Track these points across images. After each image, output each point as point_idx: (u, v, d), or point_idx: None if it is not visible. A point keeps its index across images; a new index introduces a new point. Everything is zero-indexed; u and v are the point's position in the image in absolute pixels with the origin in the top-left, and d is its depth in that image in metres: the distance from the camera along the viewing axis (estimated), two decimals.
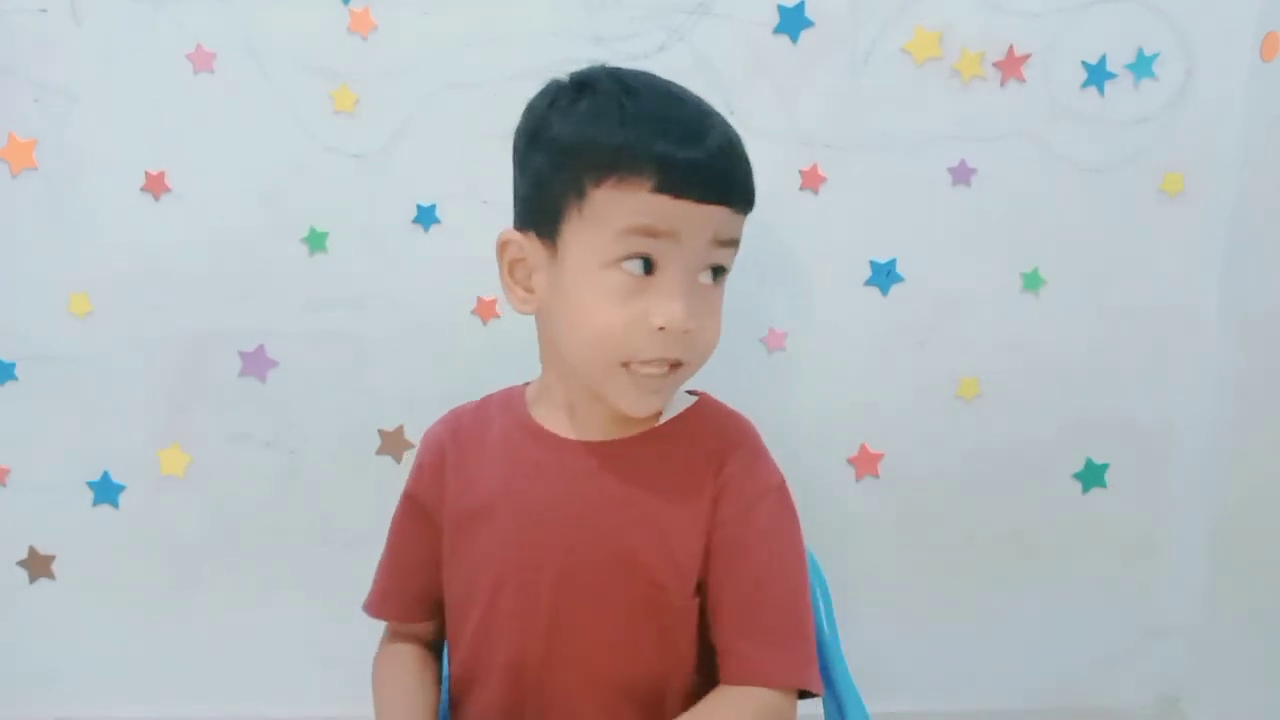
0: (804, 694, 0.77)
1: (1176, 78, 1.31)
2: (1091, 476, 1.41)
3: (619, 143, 0.71)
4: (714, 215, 0.72)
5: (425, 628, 0.90)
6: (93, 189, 1.29)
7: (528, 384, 0.89)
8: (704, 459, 0.79)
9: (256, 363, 1.34)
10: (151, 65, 1.26)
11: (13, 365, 1.33)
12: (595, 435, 0.79)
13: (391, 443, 1.37)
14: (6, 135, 1.27)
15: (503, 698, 0.79)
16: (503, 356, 1.33)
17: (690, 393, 0.86)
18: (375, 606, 0.91)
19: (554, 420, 0.81)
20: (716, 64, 1.28)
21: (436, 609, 0.87)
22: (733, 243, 0.75)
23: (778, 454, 0.84)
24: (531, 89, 1.28)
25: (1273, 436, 1.28)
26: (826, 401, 1.38)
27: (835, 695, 0.88)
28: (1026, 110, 1.31)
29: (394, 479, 1.36)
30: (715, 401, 0.86)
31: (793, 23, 1.28)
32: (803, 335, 1.36)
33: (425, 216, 1.31)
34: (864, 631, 0.92)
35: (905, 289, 1.35)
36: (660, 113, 0.73)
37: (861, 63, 1.29)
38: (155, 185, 1.29)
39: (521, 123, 0.80)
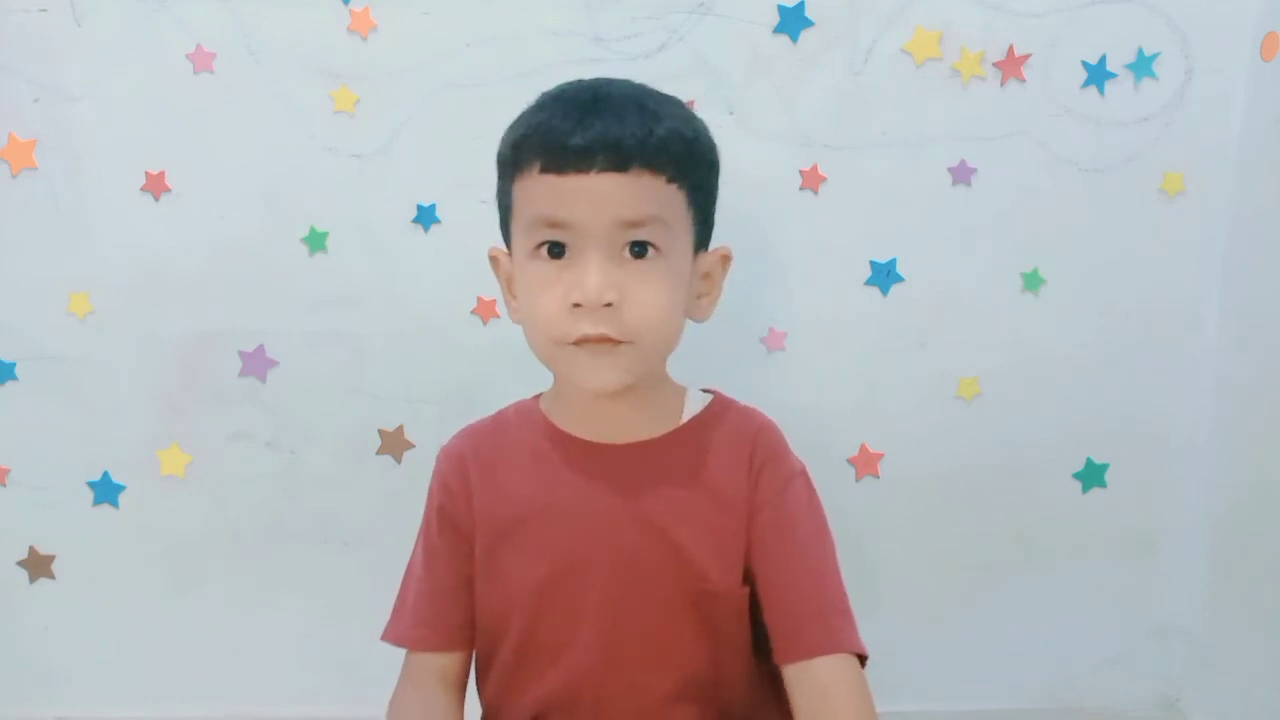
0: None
1: (1176, 78, 1.31)
2: (1092, 476, 1.41)
3: (516, 138, 0.76)
4: (609, 187, 0.71)
5: (457, 659, 0.85)
6: (93, 189, 1.29)
7: (539, 395, 0.89)
8: (732, 451, 0.81)
9: (256, 362, 1.34)
10: (151, 65, 1.26)
11: (13, 365, 1.33)
12: (621, 438, 0.80)
13: (391, 443, 1.37)
14: (6, 135, 1.27)
15: (555, 704, 0.79)
16: (503, 356, 1.34)
17: (705, 391, 0.89)
18: (409, 635, 0.84)
19: (577, 426, 0.81)
20: (716, 64, 1.28)
21: (473, 636, 0.84)
22: (650, 219, 0.73)
23: None
24: (531, 89, 1.27)
25: (1273, 436, 1.28)
26: (826, 401, 1.38)
27: None
28: (1026, 110, 1.31)
29: (394, 479, 1.38)
30: (728, 398, 0.88)
31: (793, 22, 1.28)
32: (803, 335, 1.36)
33: (425, 216, 1.31)
34: (864, 631, 0.92)
35: (905, 289, 1.35)
36: (555, 102, 0.76)
37: (861, 63, 1.29)
38: (155, 185, 1.29)
39: None
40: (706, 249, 0.82)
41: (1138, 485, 1.42)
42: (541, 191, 0.73)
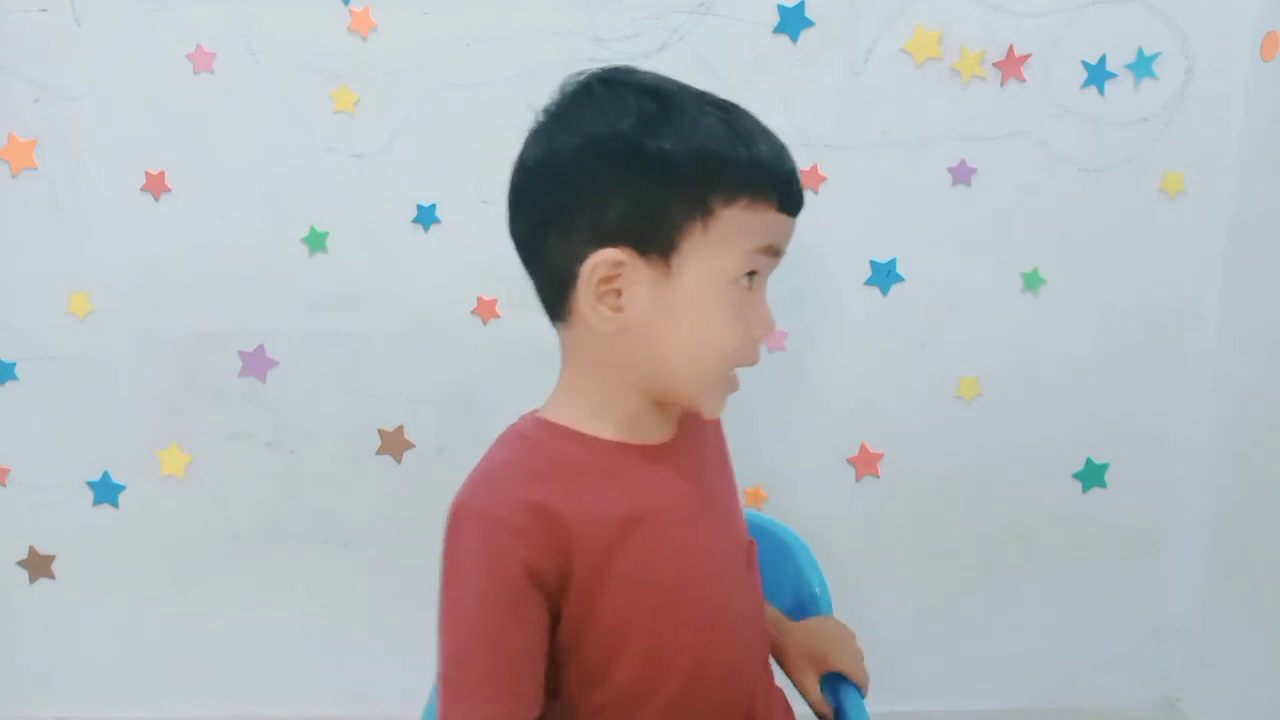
0: None
1: (1176, 78, 1.31)
2: (1092, 476, 1.41)
3: (746, 162, 0.72)
4: (793, 227, 0.77)
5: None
6: (93, 189, 1.29)
7: (534, 418, 0.81)
8: (714, 425, 0.87)
9: (256, 362, 1.34)
10: (151, 65, 1.26)
11: (13, 365, 1.33)
12: (660, 438, 0.80)
13: (391, 443, 1.37)
14: (6, 135, 1.27)
15: (688, 697, 0.78)
16: (503, 356, 1.34)
17: None
18: (500, 713, 0.73)
19: (619, 433, 0.77)
20: (716, 64, 1.28)
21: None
22: None
23: (778, 453, 0.86)
24: (531, 89, 1.27)
25: (1273, 436, 1.28)
26: (826, 401, 1.38)
27: (835, 695, 0.88)
28: (1027, 110, 1.31)
29: (394, 479, 1.38)
30: None
31: (793, 22, 1.28)
32: (803, 335, 1.36)
33: (425, 216, 1.31)
34: (863, 631, 0.92)
35: (905, 289, 1.35)
36: (758, 127, 0.75)
37: (861, 62, 1.29)
38: (155, 185, 1.29)
39: (584, 142, 0.74)
40: None
41: (1138, 485, 1.42)
42: (778, 227, 0.74)
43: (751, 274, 0.74)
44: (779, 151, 0.75)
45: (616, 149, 0.71)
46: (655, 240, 0.71)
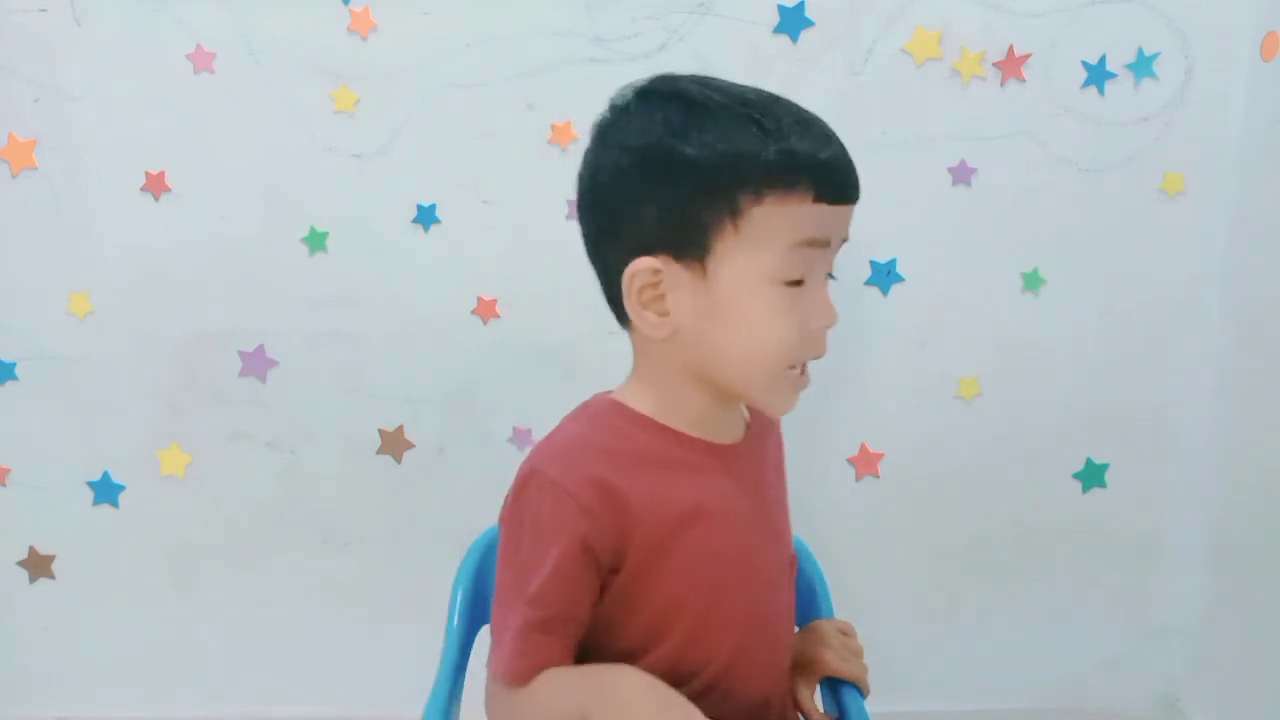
0: None
1: (1176, 78, 1.31)
2: (1092, 476, 1.41)
3: (773, 156, 0.71)
4: (848, 214, 0.75)
5: None
6: (93, 189, 1.29)
7: (609, 398, 0.81)
8: (776, 435, 0.89)
9: (256, 362, 1.34)
10: (151, 65, 1.26)
11: (13, 365, 1.33)
12: (729, 438, 0.81)
13: (391, 442, 1.37)
14: (6, 135, 1.27)
15: (719, 687, 0.80)
16: (503, 356, 1.34)
17: None
18: (541, 656, 0.75)
19: (692, 426, 0.79)
20: (716, 64, 1.28)
21: None
22: (846, 238, 0.77)
23: None
24: (531, 89, 1.29)
25: (1273, 437, 1.28)
26: (826, 401, 1.38)
27: (835, 695, 0.88)
28: (1026, 110, 1.31)
29: (394, 479, 1.38)
30: None
31: (793, 22, 1.28)
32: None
33: (425, 216, 1.31)
34: (863, 631, 0.92)
35: (905, 289, 1.35)
36: (793, 119, 0.74)
37: (861, 63, 1.29)
38: (155, 185, 1.29)
39: (618, 157, 0.75)
40: None
41: (1138, 485, 1.42)
42: (817, 219, 0.72)
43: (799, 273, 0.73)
44: (818, 140, 0.73)
45: (647, 160, 0.73)
46: (689, 245, 0.73)
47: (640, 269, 0.73)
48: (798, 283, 0.73)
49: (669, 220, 0.73)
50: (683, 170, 0.72)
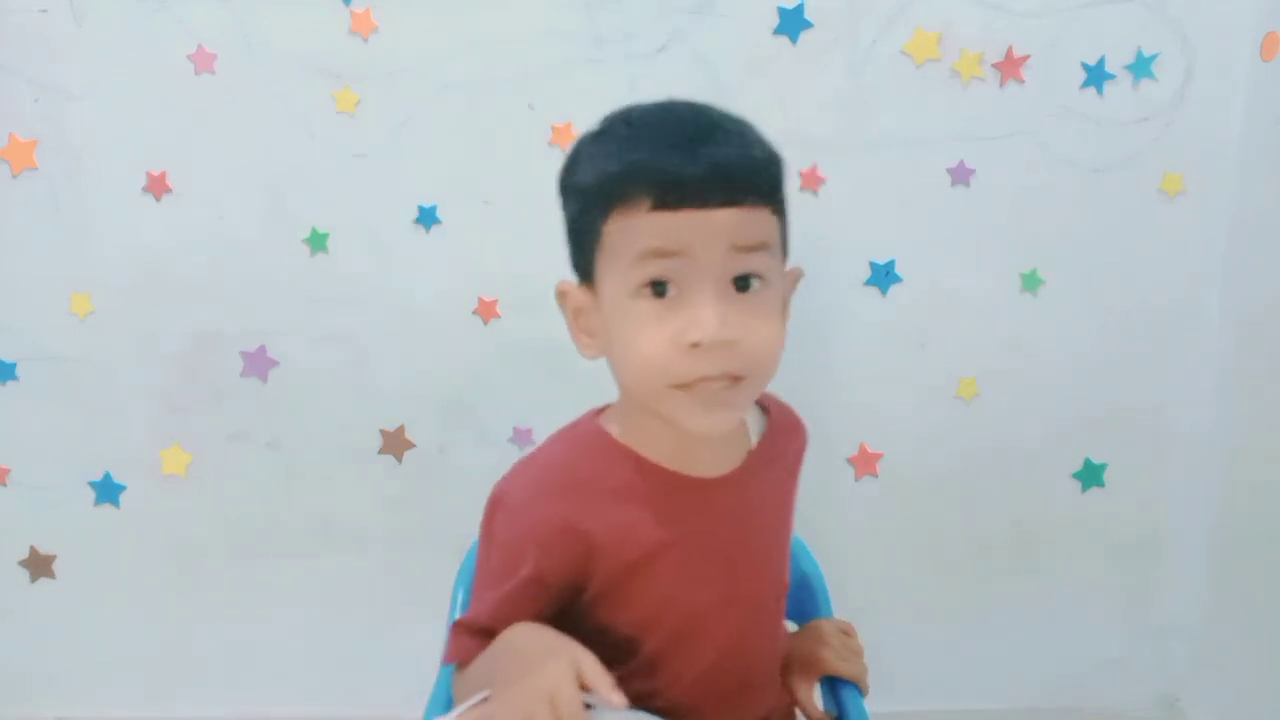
0: None
1: (1176, 78, 1.31)
2: (1090, 476, 1.41)
3: (616, 172, 0.71)
4: (723, 220, 0.70)
5: None
6: (93, 189, 1.29)
7: (596, 417, 0.82)
8: (792, 463, 0.87)
9: (257, 362, 1.34)
10: (152, 65, 1.26)
11: (13, 365, 1.33)
12: (713, 470, 0.79)
13: (391, 443, 1.37)
14: (6, 135, 1.27)
15: (674, 711, 0.80)
16: (503, 356, 1.34)
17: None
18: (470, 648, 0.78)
19: (668, 458, 0.78)
20: (716, 64, 1.28)
21: None
22: (760, 246, 0.72)
23: None
24: (532, 89, 1.29)
25: (1272, 437, 1.28)
26: (825, 401, 1.38)
27: (835, 695, 0.88)
28: (1026, 111, 1.31)
29: (394, 479, 1.38)
30: (776, 405, 0.89)
31: (792, 23, 1.28)
32: (802, 335, 1.35)
33: (425, 216, 1.31)
34: (863, 631, 0.92)
35: (905, 289, 1.35)
36: (653, 132, 0.72)
37: (861, 63, 1.29)
38: (156, 186, 1.29)
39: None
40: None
41: (1137, 485, 1.42)
42: (655, 228, 0.69)
43: (663, 282, 0.70)
44: (664, 149, 0.70)
45: (560, 185, 0.78)
46: (583, 269, 0.76)
47: (564, 290, 0.77)
48: (659, 295, 0.70)
49: (571, 243, 0.77)
50: (568, 197, 0.76)
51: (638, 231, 0.70)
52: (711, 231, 0.70)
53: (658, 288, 0.71)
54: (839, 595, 0.98)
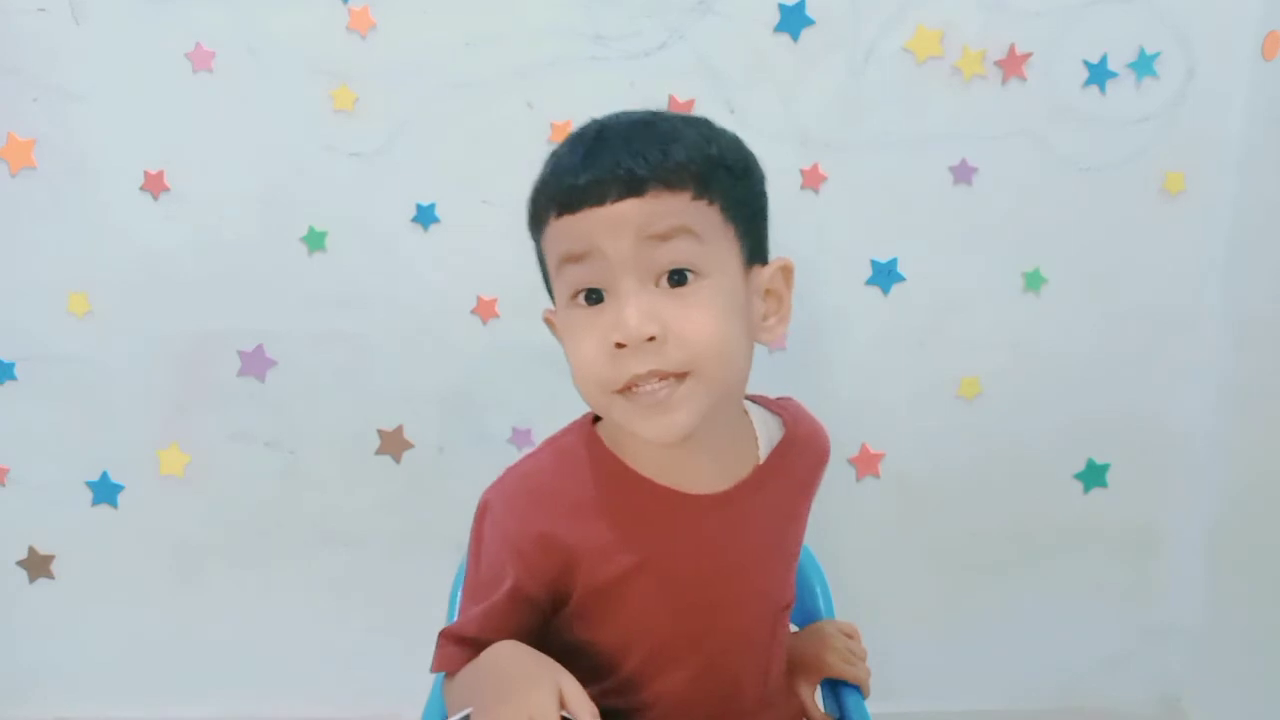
0: None
1: (1177, 77, 1.31)
2: (1093, 476, 1.41)
3: (538, 188, 0.73)
4: (623, 210, 0.68)
5: None
6: (92, 189, 1.29)
7: (594, 422, 0.80)
8: (807, 477, 0.85)
9: (256, 362, 1.34)
10: (151, 65, 1.26)
11: (12, 365, 1.33)
12: (707, 487, 0.76)
13: (391, 443, 1.37)
14: (6, 135, 1.27)
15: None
16: (502, 356, 1.34)
17: (776, 410, 0.86)
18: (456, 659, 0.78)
19: (657, 472, 0.76)
20: (717, 63, 1.28)
21: None
22: (677, 232, 0.68)
23: None
24: (531, 87, 1.28)
25: (1273, 437, 1.28)
26: (826, 401, 1.37)
27: (836, 695, 0.88)
28: (1027, 109, 1.30)
29: (394, 479, 1.38)
30: (796, 415, 0.86)
31: (793, 21, 1.27)
32: (803, 335, 1.36)
33: (425, 216, 1.31)
34: (864, 631, 0.92)
35: (906, 288, 1.35)
36: (565, 147, 0.73)
37: (862, 61, 1.29)
38: (154, 185, 1.29)
39: None
40: (764, 264, 0.76)
41: (1139, 485, 1.42)
42: (562, 232, 0.70)
43: (590, 293, 0.70)
44: (569, 159, 0.71)
45: None
46: (547, 289, 0.77)
47: (545, 319, 0.78)
48: (593, 304, 0.70)
49: (540, 268, 0.78)
50: (528, 223, 0.77)
51: (552, 240, 0.72)
52: (613, 223, 0.68)
53: (591, 296, 0.70)
54: (839, 595, 0.98)
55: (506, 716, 0.63)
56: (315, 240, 1.31)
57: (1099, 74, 1.30)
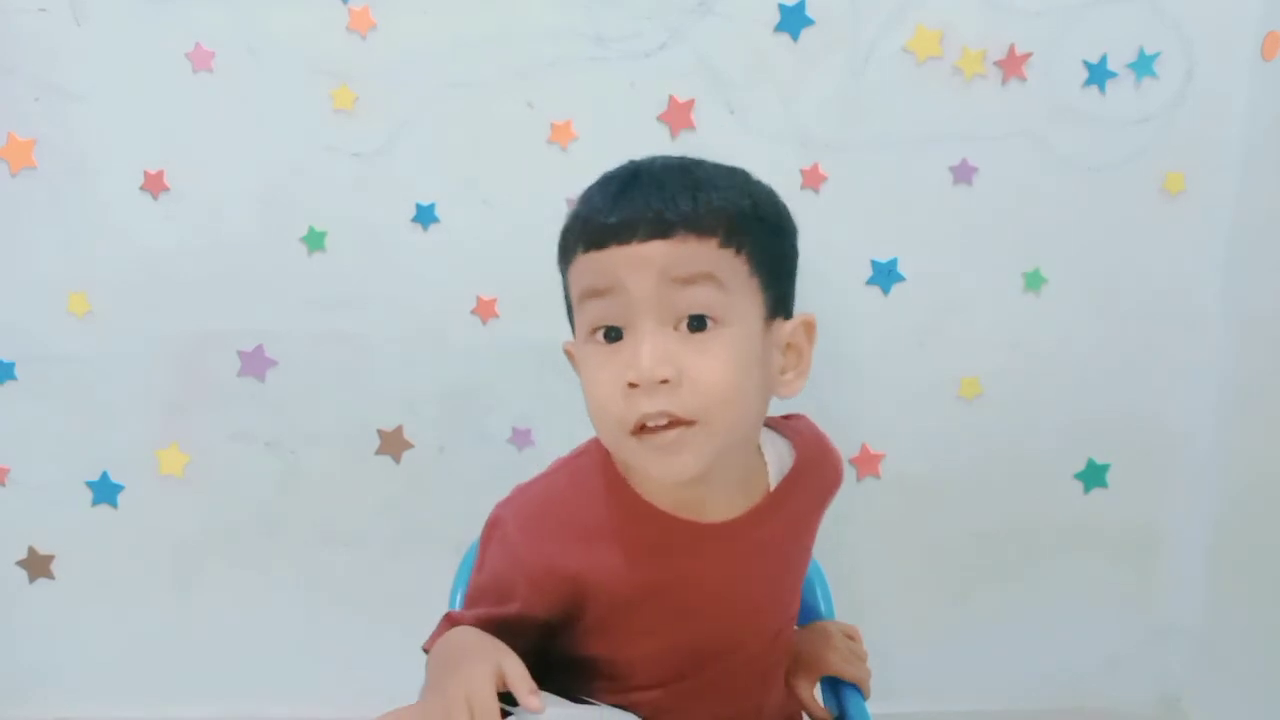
0: None
1: (1177, 77, 1.31)
2: (1093, 477, 1.41)
3: (566, 228, 0.74)
4: (650, 251, 0.68)
5: None
6: (92, 188, 1.29)
7: (604, 461, 0.79)
8: (818, 500, 0.85)
9: (255, 362, 1.34)
10: (151, 65, 1.26)
11: (12, 365, 1.33)
12: (717, 515, 0.76)
13: (391, 443, 1.37)
14: (6, 135, 1.27)
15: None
16: (503, 356, 1.34)
17: (787, 433, 0.85)
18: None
19: (667, 502, 0.76)
20: (717, 63, 1.28)
21: None
22: (700, 278, 0.69)
23: None
24: (531, 88, 1.28)
25: (1273, 437, 1.28)
26: (826, 401, 1.37)
27: (836, 695, 0.88)
28: (1027, 109, 1.30)
29: (393, 479, 1.38)
30: (808, 438, 0.86)
31: (793, 21, 1.27)
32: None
33: (424, 216, 1.31)
34: (864, 631, 0.92)
35: (906, 288, 1.35)
36: (599, 183, 0.73)
37: (862, 61, 1.29)
38: (154, 184, 1.28)
39: None
40: (787, 318, 0.78)
41: (1139, 485, 1.42)
42: (587, 267, 0.70)
43: (609, 330, 0.70)
44: (596, 196, 0.72)
45: None
46: (571, 326, 0.76)
47: (566, 351, 0.78)
48: (612, 341, 0.70)
49: (565, 301, 0.77)
50: (557, 258, 0.76)
51: (576, 274, 0.72)
52: (638, 262, 0.68)
53: (610, 333, 0.71)
54: (839, 595, 0.98)
55: (445, 694, 0.65)
56: (315, 240, 1.31)
57: (1099, 74, 1.30)
